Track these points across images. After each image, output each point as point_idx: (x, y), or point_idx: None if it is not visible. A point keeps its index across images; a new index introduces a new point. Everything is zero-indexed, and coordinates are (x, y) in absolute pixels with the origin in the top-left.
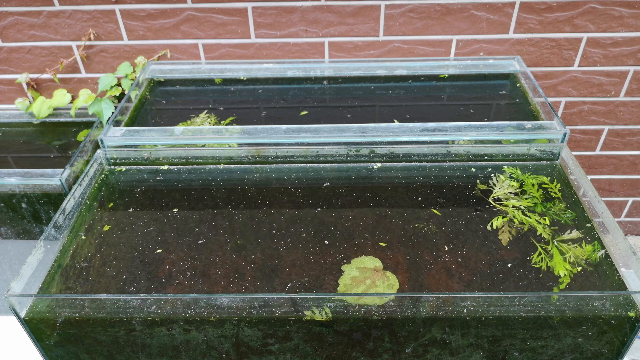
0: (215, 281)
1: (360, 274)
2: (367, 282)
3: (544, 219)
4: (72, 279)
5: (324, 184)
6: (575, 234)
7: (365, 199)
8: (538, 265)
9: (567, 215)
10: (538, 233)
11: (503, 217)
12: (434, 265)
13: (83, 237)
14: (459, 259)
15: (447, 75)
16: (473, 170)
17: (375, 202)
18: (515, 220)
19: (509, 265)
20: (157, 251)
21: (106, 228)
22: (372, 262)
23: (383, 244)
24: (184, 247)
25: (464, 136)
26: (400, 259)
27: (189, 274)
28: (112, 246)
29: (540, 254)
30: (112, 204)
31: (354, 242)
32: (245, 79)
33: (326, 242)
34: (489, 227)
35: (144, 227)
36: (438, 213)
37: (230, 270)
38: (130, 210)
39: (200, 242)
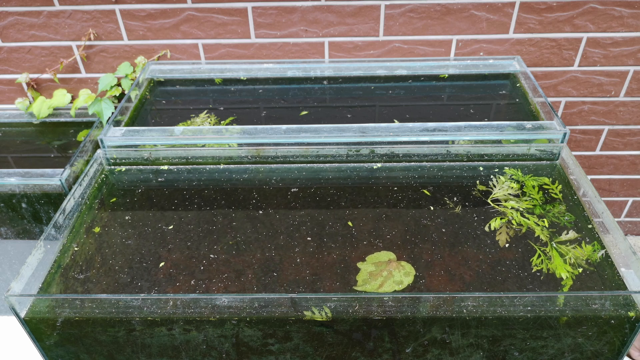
0: (215, 281)
1: (376, 268)
2: (384, 274)
3: (543, 221)
4: (72, 279)
5: (324, 184)
6: (572, 234)
7: (365, 199)
8: (538, 268)
9: (566, 218)
10: (536, 235)
11: (501, 219)
12: (433, 264)
13: (83, 237)
14: (458, 258)
15: (447, 75)
16: (473, 170)
17: (375, 202)
18: (513, 221)
19: (508, 266)
20: (158, 251)
21: (99, 228)
22: (386, 256)
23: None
24: (185, 246)
25: (464, 136)
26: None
27: (189, 273)
28: (112, 246)
29: (539, 256)
30: (112, 204)
31: (356, 241)
32: (245, 79)
33: (329, 241)
34: (486, 228)
35: (145, 226)
36: (437, 213)
37: (232, 270)
38: (131, 210)
39: (201, 241)
